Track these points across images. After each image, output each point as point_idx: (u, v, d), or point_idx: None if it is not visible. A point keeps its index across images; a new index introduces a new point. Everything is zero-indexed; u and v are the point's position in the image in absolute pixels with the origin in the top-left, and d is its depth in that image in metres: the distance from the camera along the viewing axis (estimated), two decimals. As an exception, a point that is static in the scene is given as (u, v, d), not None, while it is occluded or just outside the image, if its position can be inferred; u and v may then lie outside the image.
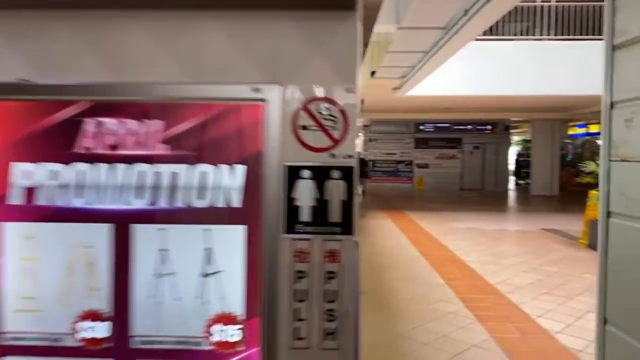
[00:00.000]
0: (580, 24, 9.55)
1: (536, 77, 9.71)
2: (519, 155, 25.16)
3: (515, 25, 9.86)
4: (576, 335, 3.97)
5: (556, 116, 16.09)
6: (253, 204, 1.49)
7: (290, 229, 1.51)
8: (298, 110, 1.53)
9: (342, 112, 1.54)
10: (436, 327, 4.15)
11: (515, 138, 26.01)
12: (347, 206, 1.55)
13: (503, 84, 9.82)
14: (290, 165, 1.52)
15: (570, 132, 20.99)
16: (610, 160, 1.89)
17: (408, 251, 7.45)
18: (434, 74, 9.56)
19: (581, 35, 9.62)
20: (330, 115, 1.54)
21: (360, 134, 23.11)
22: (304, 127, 1.53)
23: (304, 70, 1.56)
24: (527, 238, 8.70)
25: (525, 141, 25.00)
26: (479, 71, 9.76)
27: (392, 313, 4.51)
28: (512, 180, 23.07)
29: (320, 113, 1.53)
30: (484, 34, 9.77)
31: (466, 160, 20.73)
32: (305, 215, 1.51)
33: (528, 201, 16.53)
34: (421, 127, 20.45)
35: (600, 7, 9.52)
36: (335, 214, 1.52)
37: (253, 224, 1.49)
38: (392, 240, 8.34)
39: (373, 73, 8.64)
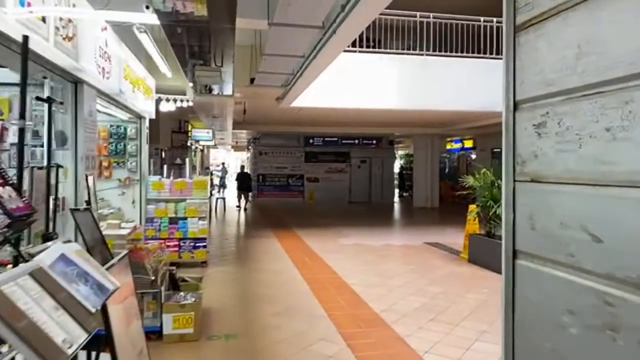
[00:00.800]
0: (458, 41, 9.87)
1: (417, 92, 9.79)
2: (402, 168, 26.36)
3: (399, 42, 9.87)
4: (465, 374, 3.53)
5: (435, 131, 16.90)
6: None
7: None
8: None
9: None
10: (312, 380, 3.42)
11: (399, 152, 27.24)
12: None
13: (386, 98, 9.74)
14: None
15: (448, 147, 22.40)
16: (516, 181, 1.29)
17: (291, 276, 6.72)
18: (318, 86, 9.11)
19: (460, 52, 9.94)
20: None
21: (250, 147, 22.14)
22: None
23: None
24: (412, 254, 8.55)
25: (408, 155, 26.27)
26: (363, 85, 9.55)
27: (260, 365, 3.68)
28: (396, 193, 23.96)
29: None
30: (367, 47, 9.65)
31: (354, 174, 20.97)
32: None
33: (411, 213, 17.04)
34: (311, 141, 20.22)
35: (478, 26, 9.95)
36: None
37: None
38: (275, 264, 7.55)
39: (252, 80, 7.87)
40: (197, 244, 7.33)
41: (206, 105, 9.02)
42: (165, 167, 12.72)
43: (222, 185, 22.58)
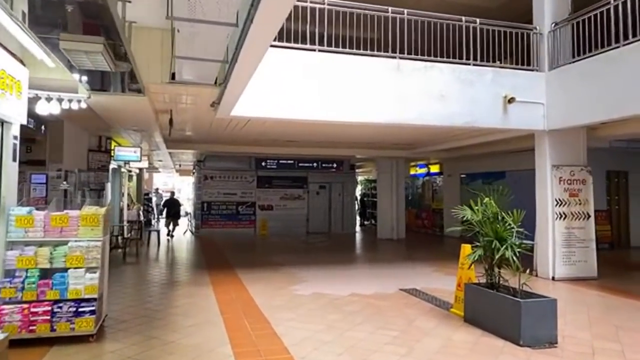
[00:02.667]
0: (437, 44, 8.21)
1: (389, 103, 7.98)
2: (363, 195, 24.67)
3: (368, 42, 8.08)
4: None
5: (401, 154, 15.24)
6: None
7: None
8: None
9: None
10: None
11: (360, 178, 25.58)
12: None
13: (351, 110, 7.85)
14: None
15: (412, 172, 20.91)
16: None
17: (217, 359, 4.49)
18: (265, 93, 7.13)
19: (439, 57, 8.27)
20: None
21: (194, 171, 19.63)
22: None
23: None
24: (388, 309, 6.51)
25: (369, 181, 24.66)
26: (323, 93, 7.64)
27: None
28: (357, 222, 22.14)
29: None
30: (328, 45, 7.79)
31: (312, 201, 18.97)
32: None
33: (376, 247, 15.12)
34: (263, 164, 18.07)
35: (460, 26, 8.35)
36: None
37: None
38: (199, 335, 5.27)
39: (174, 75, 5.74)
40: (81, 309, 4.94)
41: (114, 112, 6.78)
42: (81, 193, 10.21)
43: (161, 214, 19.97)
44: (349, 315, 6.13)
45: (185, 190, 31.84)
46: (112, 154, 11.48)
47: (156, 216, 22.18)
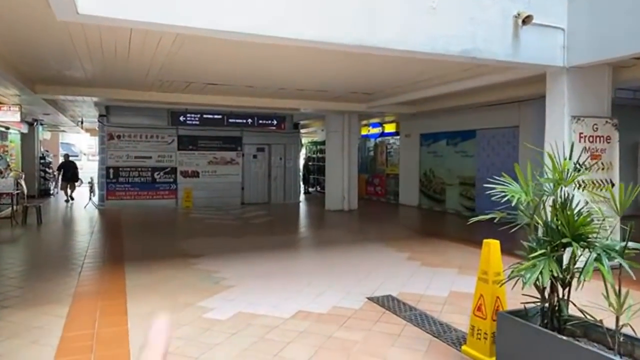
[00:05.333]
0: None
1: (354, 15, 5.08)
2: (308, 159, 21.96)
3: None
4: None
5: (354, 108, 12.47)
6: None
7: None
8: None
9: None
10: None
11: (304, 140, 22.76)
12: None
13: (298, 21, 4.87)
14: None
15: (364, 132, 18.35)
16: None
17: None
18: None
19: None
20: None
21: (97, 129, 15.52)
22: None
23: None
24: (359, 349, 3.85)
25: (314, 143, 21.93)
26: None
27: None
28: (302, 189, 19.46)
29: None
30: None
31: (248, 167, 15.93)
32: None
33: (325, 222, 12.50)
34: (182, 119, 14.58)
35: None
36: None
37: None
38: None
39: None
40: None
41: None
42: None
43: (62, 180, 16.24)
44: (294, 373, 3.39)
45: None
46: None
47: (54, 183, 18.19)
